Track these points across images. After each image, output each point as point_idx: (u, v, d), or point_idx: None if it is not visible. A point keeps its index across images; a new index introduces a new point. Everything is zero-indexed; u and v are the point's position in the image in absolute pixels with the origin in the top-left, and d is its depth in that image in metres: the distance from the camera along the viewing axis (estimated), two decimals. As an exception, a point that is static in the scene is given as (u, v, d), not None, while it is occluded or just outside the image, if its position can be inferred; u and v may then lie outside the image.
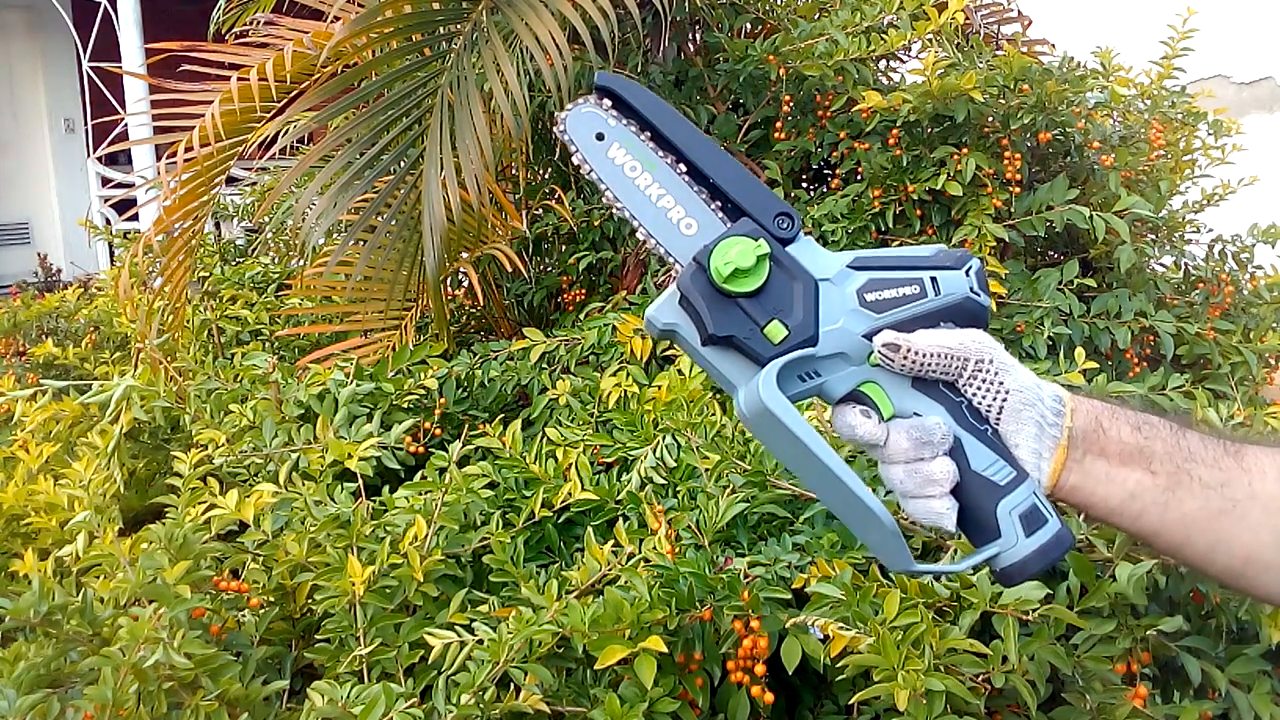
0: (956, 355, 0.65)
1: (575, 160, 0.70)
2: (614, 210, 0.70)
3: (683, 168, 0.69)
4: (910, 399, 0.67)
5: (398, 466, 1.46)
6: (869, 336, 0.66)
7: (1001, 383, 0.66)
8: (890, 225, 1.97)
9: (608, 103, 0.69)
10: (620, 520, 1.27)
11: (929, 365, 0.65)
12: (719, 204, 0.68)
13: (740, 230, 0.66)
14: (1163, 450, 0.66)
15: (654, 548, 1.13)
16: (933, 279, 0.67)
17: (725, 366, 0.66)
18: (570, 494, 1.28)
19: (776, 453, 0.67)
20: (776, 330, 0.65)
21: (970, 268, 0.68)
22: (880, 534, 0.64)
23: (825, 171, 2.30)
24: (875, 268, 0.67)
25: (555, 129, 0.71)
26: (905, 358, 0.65)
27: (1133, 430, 0.66)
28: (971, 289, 0.68)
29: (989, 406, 0.66)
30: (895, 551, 0.66)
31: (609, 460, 1.45)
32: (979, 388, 0.66)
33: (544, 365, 1.80)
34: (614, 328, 1.79)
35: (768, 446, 0.68)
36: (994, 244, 1.82)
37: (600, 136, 0.69)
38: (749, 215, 0.67)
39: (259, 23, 2.29)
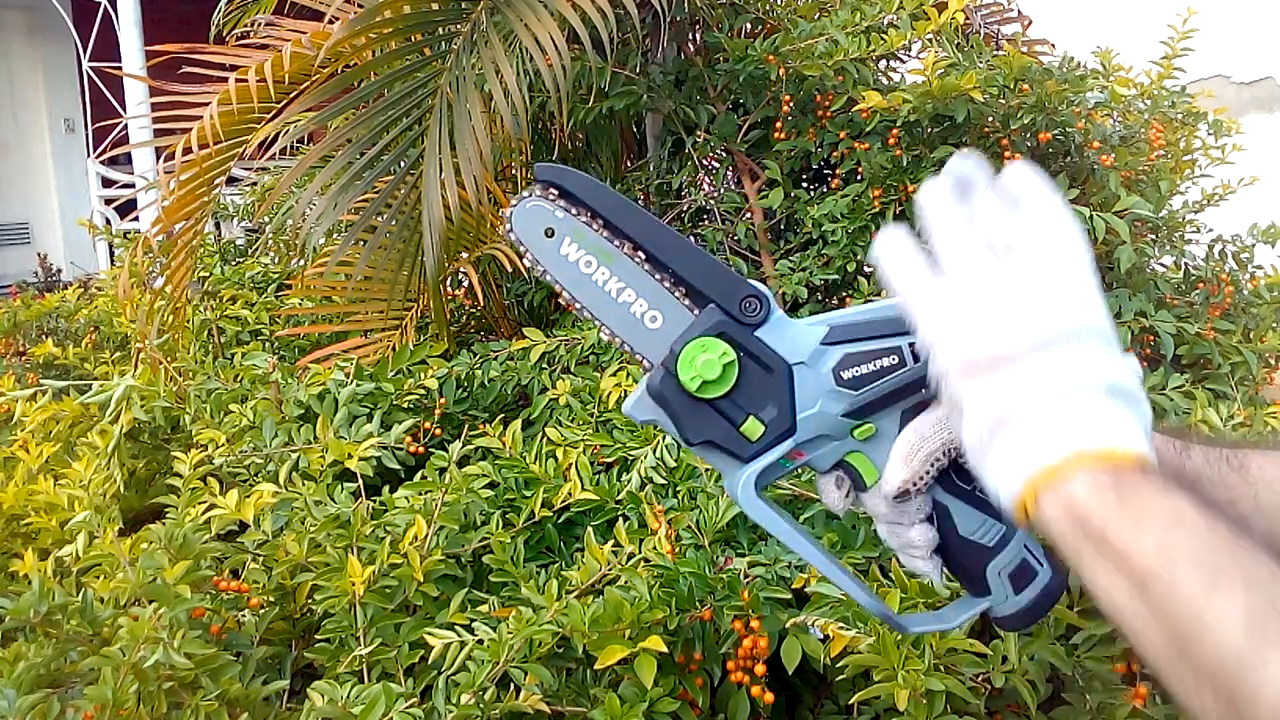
0: (951, 447, 0.63)
1: (526, 262, 0.67)
2: (574, 311, 0.67)
3: (641, 255, 0.65)
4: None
5: (398, 466, 1.46)
6: (849, 415, 0.64)
7: None
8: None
9: (554, 193, 0.66)
10: (620, 520, 1.27)
11: (938, 469, 0.64)
12: (683, 289, 0.65)
13: (705, 325, 0.63)
14: (1168, 474, 0.64)
15: (654, 548, 1.14)
16: (910, 344, 0.64)
17: (708, 458, 0.66)
18: (570, 494, 1.28)
19: None
20: (753, 428, 0.64)
21: None
22: (870, 612, 0.66)
23: (825, 171, 2.30)
24: (850, 340, 0.65)
25: (501, 229, 0.67)
26: (918, 487, 0.63)
27: None
28: None
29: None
30: (888, 621, 0.68)
31: (609, 460, 1.45)
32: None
33: (544, 365, 1.80)
34: (614, 328, 1.79)
35: None
36: (994, 244, 1.82)
37: (550, 232, 0.65)
38: (714, 302, 0.64)
39: (259, 24, 2.29)
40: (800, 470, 0.66)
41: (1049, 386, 0.55)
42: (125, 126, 5.25)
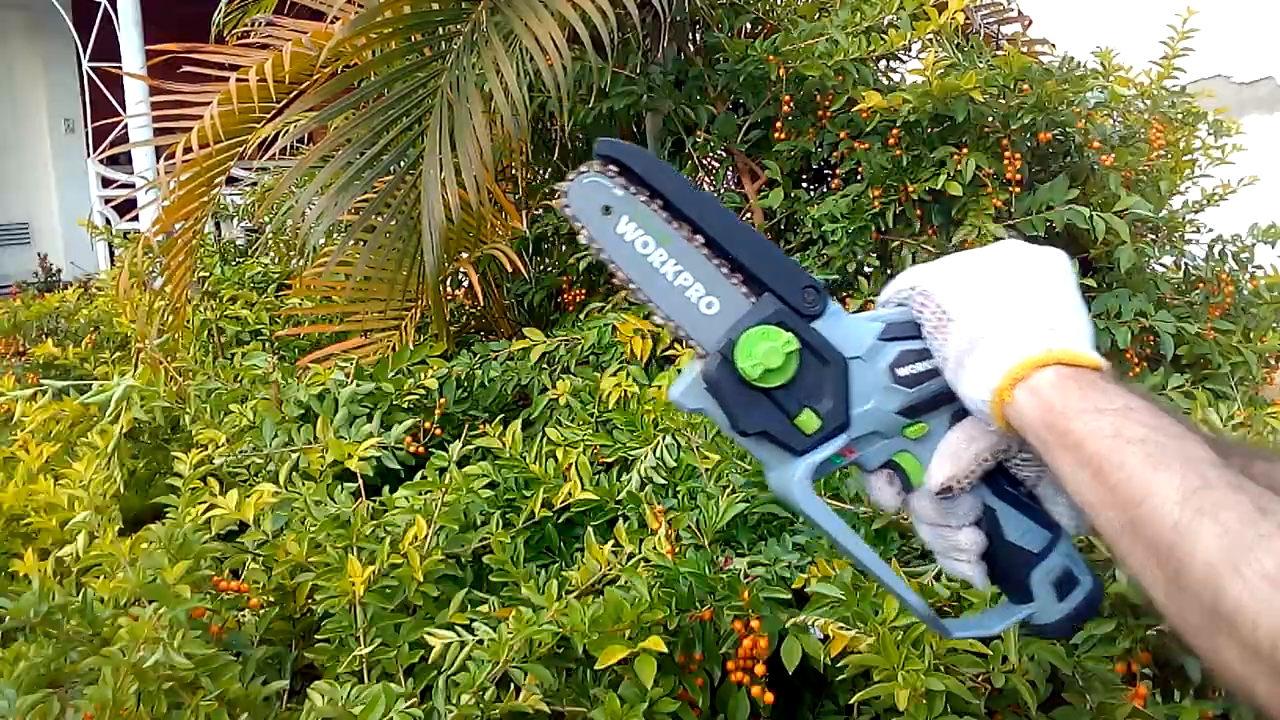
0: (999, 450, 0.63)
1: (582, 239, 0.64)
2: (627, 292, 0.64)
3: (699, 239, 0.63)
4: None
5: (398, 466, 1.46)
6: (902, 412, 0.63)
7: (1039, 462, 0.64)
8: (890, 225, 1.97)
9: (613, 169, 0.63)
10: (620, 520, 1.27)
11: (985, 469, 0.64)
12: (740, 276, 0.64)
13: (764, 314, 0.61)
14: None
15: (654, 548, 1.14)
16: None
17: (756, 450, 0.64)
18: (570, 494, 1.28)
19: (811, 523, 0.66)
20: (809, 421, 0.62)
21: None
22: (915, 613, 0.65)
23: (825, 171, 2.30)
24: (907, 336, 0.64)
25: (556, 203, 0.64)
26: (962, 485, 0.63)
27: None
28: None
29: (1026, 477, 0.66)
30: (931, 623, 0.66)
31: (609, 460, 1.45)
32: (1020, 464, 0.65)
33: (544, 365, 1.80)
34: (614, 328, 1.79)
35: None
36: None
37: (607, 209, 0.63)
38: (772, 291, 0.62)
39: (259, 24, 2.29)
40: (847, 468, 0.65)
41: (1028, 300, 0.61)
42: (125, 126, 5.25)
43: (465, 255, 2.13)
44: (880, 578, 0.65)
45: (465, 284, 2.25)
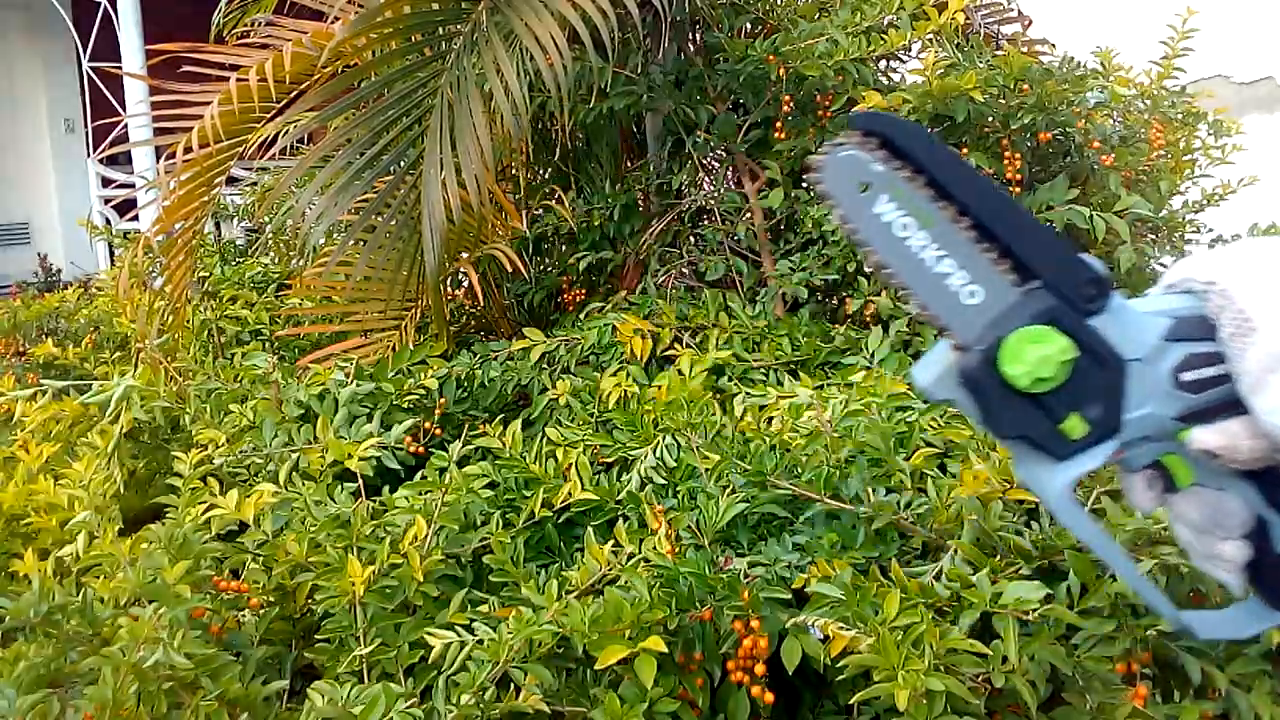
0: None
1: (835, 217, 0.59)
2: (881, 275, 0.59)
3: (966, 221, 0.57)
4: (1214, 471, 0.59)
5: (398, 466, 1.46)
6: (1181, 419, 0.57)
7: None
8: (890, 225, 1.97)
9: (873, 142, 0.57)
10: (620, 520, 1.27)
11: (1252, 464, 0.58)
12: (1010, 263, 0.57)
13: (1035, 310, 0.55)
14: None
15: (654, 548, 1.14)
16: None
17: (1013, 449, 0.59)
18: (570, 494, 1.28)
19: None
20: (1075, 426, 0.56)
21: None
22: (1166, 620, 0.63)
23: (825, 172, 2.29)
24: (1196, 338, 0.57)
25: (810, 177, 0.59)
26: (1225, 459, 0.57)
27: None
28: None
29: None
30: (1180, 630, 0.64)
31: (609, 460, 1.45)
32: None
33: (544, 365, 1.80)
34: (614, 328, 1.79)
35: None
36: (994, 244, 1.82)
37: (865, 186, 0.57)
38: (1047, 285, 0.56)
39: (259, 24, 2.29)
40: None
41: None
42: (125, 126, 5.25)
43: (465, 255, 2.13)
44: (1137, 588, 0.62)
45: (465, 284, 2.25)
